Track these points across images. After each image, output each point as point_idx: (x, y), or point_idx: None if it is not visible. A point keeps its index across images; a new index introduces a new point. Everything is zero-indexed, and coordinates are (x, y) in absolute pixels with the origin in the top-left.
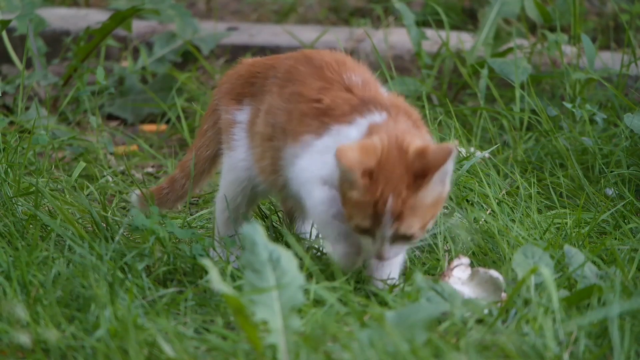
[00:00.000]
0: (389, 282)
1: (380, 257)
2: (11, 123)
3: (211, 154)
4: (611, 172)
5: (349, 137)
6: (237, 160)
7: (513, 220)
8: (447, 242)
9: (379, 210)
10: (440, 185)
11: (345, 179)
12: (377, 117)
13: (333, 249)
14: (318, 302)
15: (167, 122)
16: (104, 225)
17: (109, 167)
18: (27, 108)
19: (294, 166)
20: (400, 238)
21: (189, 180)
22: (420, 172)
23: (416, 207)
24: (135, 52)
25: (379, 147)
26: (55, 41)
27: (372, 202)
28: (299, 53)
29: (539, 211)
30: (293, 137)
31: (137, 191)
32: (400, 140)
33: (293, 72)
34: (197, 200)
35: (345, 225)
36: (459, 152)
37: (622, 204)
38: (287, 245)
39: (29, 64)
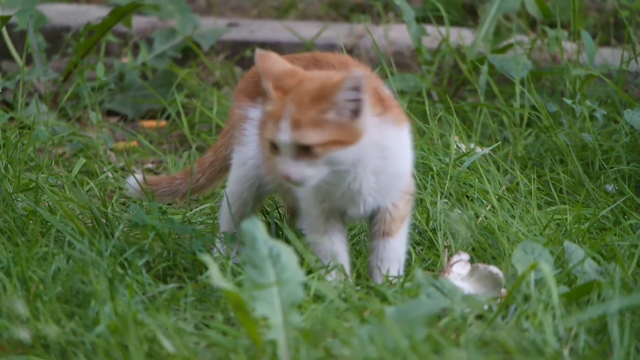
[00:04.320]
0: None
1: (282, 172)
2: (11, 119)
3: (230, 153)
4: (611, 168)
5: None
6: (246, 157)
7: (513, 216)
8: (446, 238)
9: (279, 116)
10: (342, 110)
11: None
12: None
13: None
14: (318, 297)
15: (167, 118)
16: (104, 221)
17: (109, 163)
18: (27, 104)
19: None
20: (301, 151)
21: (204, 176)
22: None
23: (316, 120)
24: (136, 48)
25: (300, 72)
26: (55, 37)
27: (279, 111)
28: (309, 55)
29: (539, 207)
30: None
31: (134, 181)
32: (331, 75)
33: None
34: (197, 197)
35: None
36: (459, 147)
37: (622, 200)
38: (288, 241)
39: (29, 60)
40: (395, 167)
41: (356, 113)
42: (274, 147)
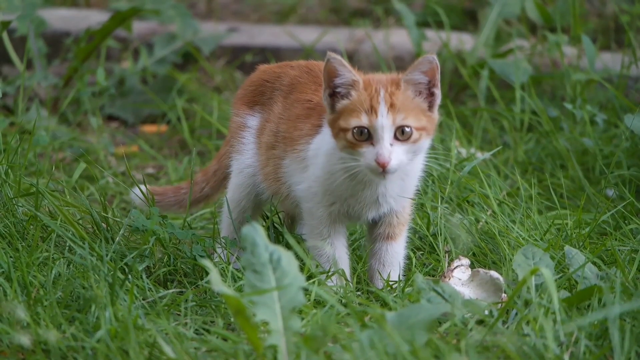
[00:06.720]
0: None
1: (381, 158)
2: (12, 124)
3: (231, 161)
4: (612, 173)
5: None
6: (244, 165)
7: (513, 221)
8: (447, 243)
9: (374, 102)
10: (415, 93)
11: (344, 85)
12: None
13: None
14: (319, 303)
15: (168, 122)
16: (105, 226)
17: (110, 168)
18: (27, 109)
19: (299, 186)
20: (399, 133)
21: (209, 185)
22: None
23: (405, 102)
24: (136, 53)
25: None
26: (55, 42)
27: (369, 97)
28: (303, 63)
29: (540, 212)
30: (291, 146)
31: (138, 191)
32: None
33: (295, 83)
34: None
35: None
36: (459, 152)
37: (623, 204)
38: (288, 246)
39: (29, 65)
40: (416, 169)
41: (432, 105)
42: (361, 136)
